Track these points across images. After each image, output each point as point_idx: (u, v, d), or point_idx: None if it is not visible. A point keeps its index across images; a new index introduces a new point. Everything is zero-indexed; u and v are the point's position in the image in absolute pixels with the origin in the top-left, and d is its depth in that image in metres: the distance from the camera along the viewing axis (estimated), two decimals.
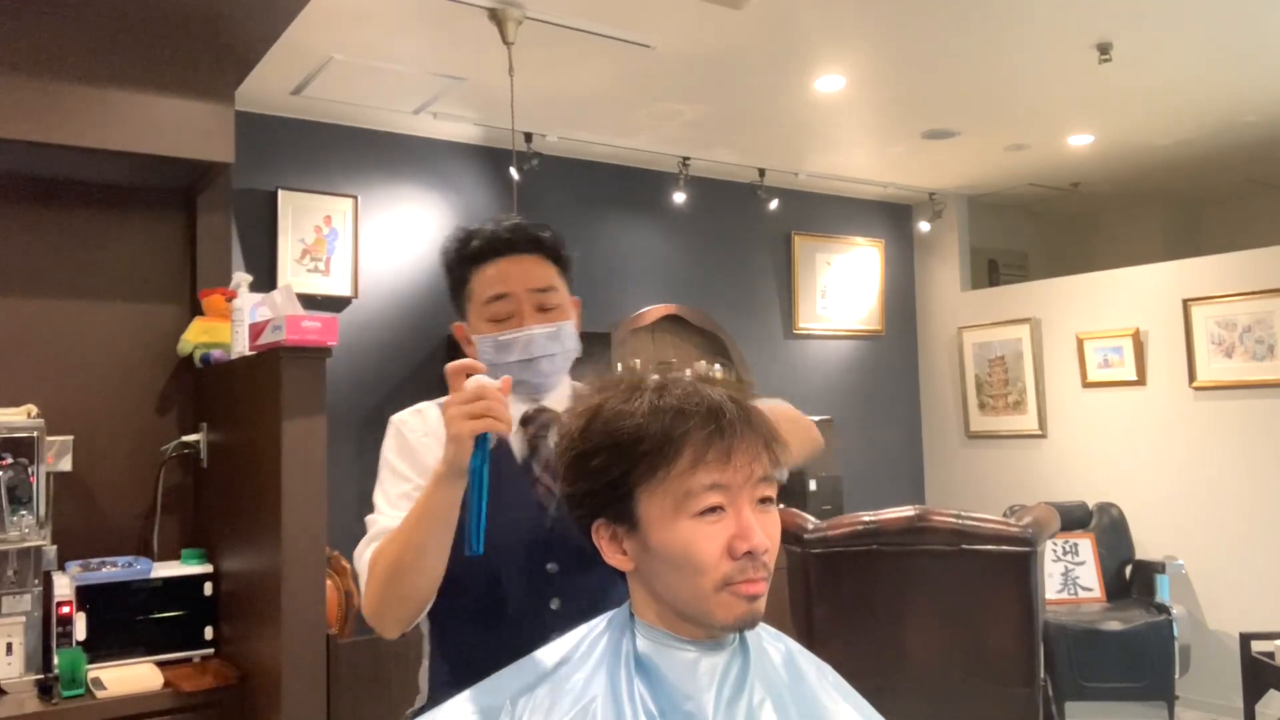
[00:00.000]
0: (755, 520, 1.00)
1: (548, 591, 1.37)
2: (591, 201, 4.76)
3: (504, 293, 1.45)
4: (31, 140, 2.55)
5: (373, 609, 1.30)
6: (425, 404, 1.48)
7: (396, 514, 1.34)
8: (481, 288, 1.46)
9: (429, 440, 1.41)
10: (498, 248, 1.46)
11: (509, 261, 1.46)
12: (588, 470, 1.02)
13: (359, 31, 3.18)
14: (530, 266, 1.47)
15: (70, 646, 2.45)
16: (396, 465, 1.42)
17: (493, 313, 1.45)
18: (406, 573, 1.26)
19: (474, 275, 1.47)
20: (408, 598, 1.28)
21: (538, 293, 1.46)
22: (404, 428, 1.44)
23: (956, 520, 2.66)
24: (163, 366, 2.96)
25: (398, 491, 1.39)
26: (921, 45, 3.51)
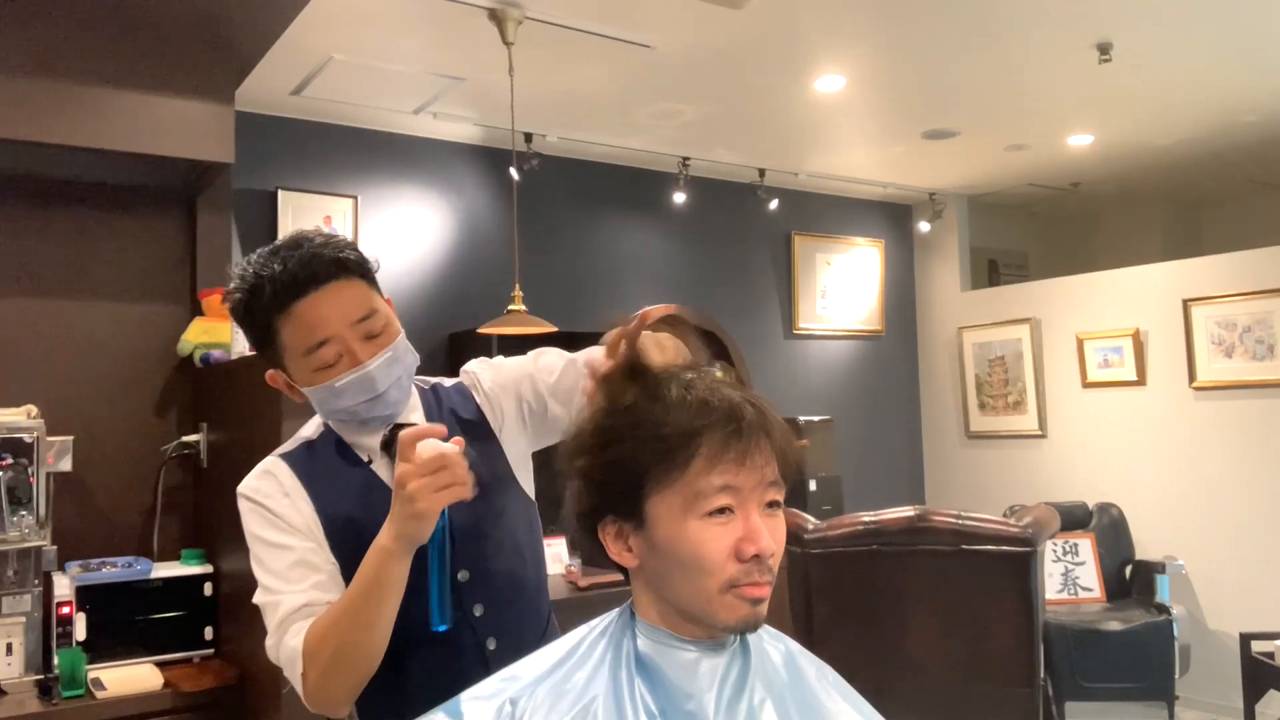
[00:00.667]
0: (763, 523, 1.00)
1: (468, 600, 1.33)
2: (591, 201, 4.76)
3: (325, 338, 1.26)
4: (31, 140, 2.55)
5: (321, 695, 1.21)
6: (266, 461, 1.36)
7: (297, 588, 1.25)
8: (295, 337, 1.27)
9: (290, 500, 1.30)
10: (299, 286, 1.25)
11: (316, 298, 1.26)
12: (610, 466, 1.02)
13: (359, 31, 3.18)
14: (341, 295, 1.28)
15: (70, 647, 2.45)
16: (269, 538, 1.29)
17: (319, 360, 1.27)
18: (358, 653, 1.19)
19: (280, 324, 1.27)
20: (361, 676, 1.21)
21: (360, 323, 1.29)
22: (258, 496, 1.31)
23: (956, 520, 2.66)
24: (163, 366, 2.96)
25: (285, 564, 1.26)
26: (921, 45, 3.51)
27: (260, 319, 1.29)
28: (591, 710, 0.99)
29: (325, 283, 1.27)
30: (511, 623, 1.36)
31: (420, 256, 4.24)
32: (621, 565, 1.06)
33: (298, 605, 1.23)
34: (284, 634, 1.23)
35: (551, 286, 4.45)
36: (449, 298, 4.27)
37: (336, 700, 1.22)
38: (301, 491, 1.31)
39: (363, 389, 1.29)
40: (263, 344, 1.32)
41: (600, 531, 1.05)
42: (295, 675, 1.22)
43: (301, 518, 1.30)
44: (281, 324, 1.27)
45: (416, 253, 4.23)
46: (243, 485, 1.34)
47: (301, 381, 1.31)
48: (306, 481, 1.32)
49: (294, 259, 1.26)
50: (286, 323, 1.27)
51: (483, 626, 1.34)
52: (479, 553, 1.35)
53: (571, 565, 3.48)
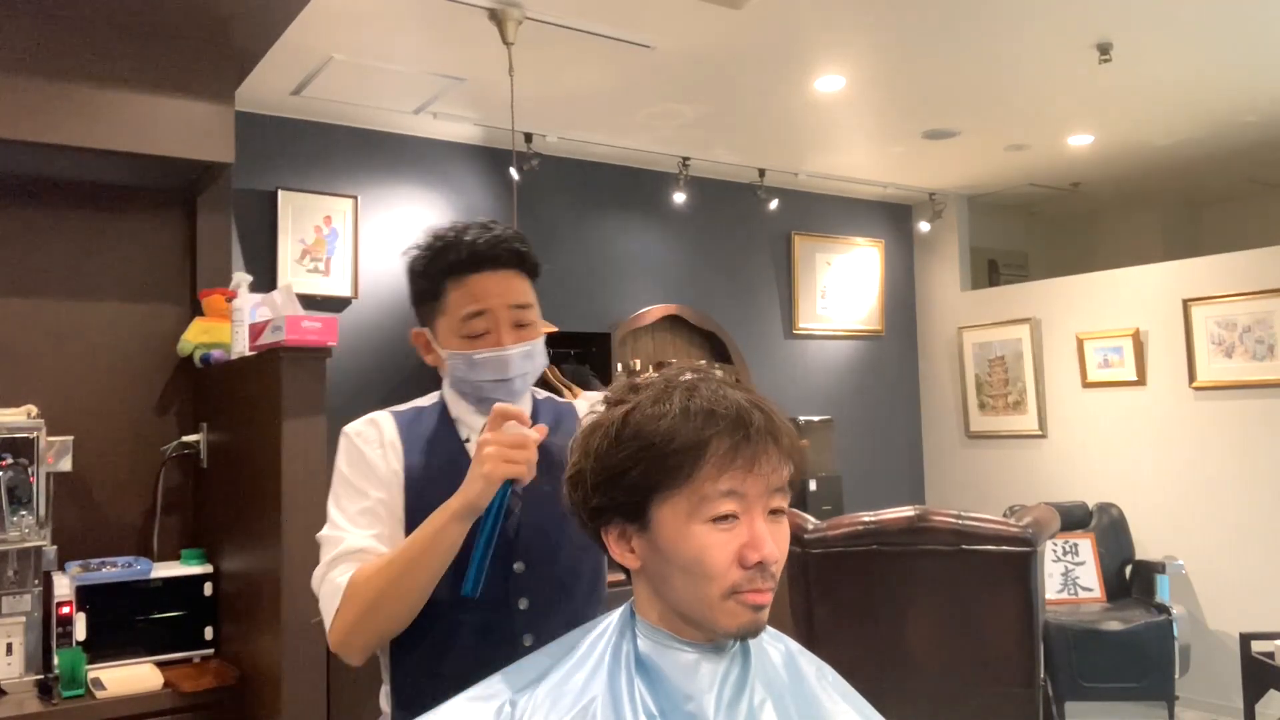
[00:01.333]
0: (767, 530, 1.00)
1: (515, 592, 1.36)
2: (591, 201, 4.76)
3: (483, 309, 1.38)
4: (31, 140, 2.55)
5: (344, 639, 1.27)
6: (378, 413, 1.44)
7: (361, 533, 1.32)
8: (458, 303, 1.39)
9: (383, 451, 1.38)
10: (480, 262, 1.38)
11: (488, 276, 1.39)
12: (617, 476, 1.01)
13: (359, 31, 3.18)
14: (510, 282, 1.41)
15: (70, 646, 2.45)
16: (353, 479, 1.37)
17: (469, 329, 1.38)
18: (394, 604, 1.25)
19: (449, 288, 1.39)
20: (388, 628, 1.28)
21: (516, 309, 1.40)
22: (358, 439, 1.40)
23: (956, 520, 2.66)
24: (163, 366, 2.96)
25: (357, 508, 1.34)
26: (921, 45, 3.51)
27: (436, 277, 1.40)
28: (591, 711, 0.99)
29: (502, 267, 1.39)
30: (553, 624, 1.35)
31: None
32: (624, 566, 1.06)
33: (356, 548, 1.30)
34: (332, 569, 1.30)
35: (551, 286, 4.41)
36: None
37: (356, 647, 1.28)
38: (398, 448, 1.39)
39: (496, 369, 1.39)
40: (425, 300, 1.43)
41: (604, 532, 1.05)
42: (330, 611, 1.28)
43: (389, 471, 1.37)
44: (452, 288, 1.39)
45: None
46: (348, 426, 1.42)
47: (445, 344, 1.41)
48: (405, 440, 1.40)
49: (485, 238, 1.39)
50: (456, 288, 1.38)
51: (524, 621, 1.36)
52: (538, 550, 1.38)
53: None
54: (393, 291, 4.15)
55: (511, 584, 1.36)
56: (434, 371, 1.49)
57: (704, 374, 1.06)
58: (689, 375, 1.06)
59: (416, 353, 1.50)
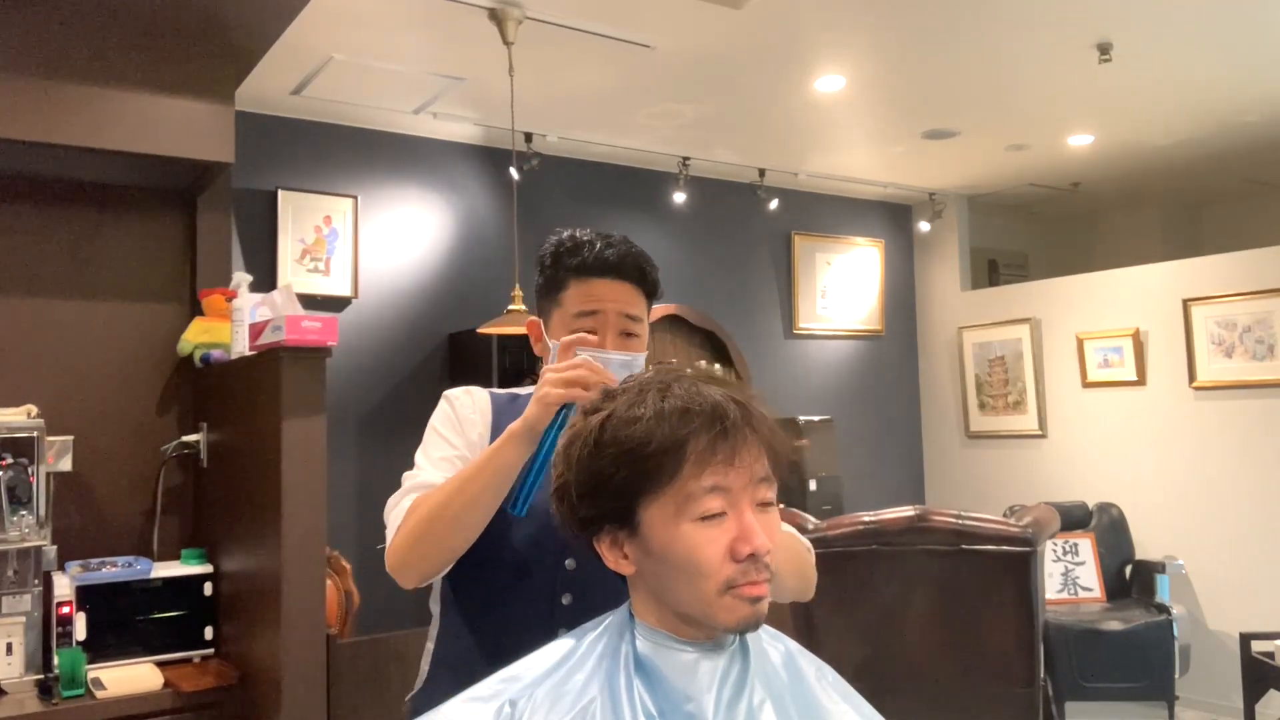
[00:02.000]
0: (756, 522, 0.99)
1: (560, 587, 1.40)
2: (591, 201, 4.76)
3: (595, 310, 1.45)
4: (31, 140, 2.55)
5: (401, 554, 1.33)
6: (477, 387, 1.54)
7: (437, 472, 1.39)
8: (576, 300, 1.46)
9: (476, 417, 1.47)
10: (604, 267, 1.46)
11: (609, 283, 1.47)
12: (600, 484, 1.01)
13: (359, 31, 3.18)
14: (627, 292, 1.48)
15: (70, 646, 2.45)
16: (443, 431, 1.47)
17: (579, 326, 1.45)
18: (448, 522, 1.30)
19: (572, 285, 1.47)
20: (440, 548, 1.32)
21: (627, 318, 1.47)
22: (454, 401, 1.49)
23: (956, 520, 2.66)
24: (163, 366, 2.96)
25: (440, 454, 1.43)
26: (921, 45, 3.51)
27: (563, 272, 1.47)
28: (590, 711, 0.99)
29: (623, 278, 1.47)
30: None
31: (420, 256, 4.24)
32: (618, 572, 1.06)
33: (430, 481, 1.38)
34: (404, 495, 1.38)
35: None
36: (449, 298, 4.27)
37: (412, 563, 1.32)
38: (489, 419, 1.48)
39: None
40: (547, 291, 1.50)
41: (596, 541, 1.05)
42: (392, 529, 1.35)
43: (476, 434, 1.46)
44: (573, 285, 1.46)
45: (416, 253, 4.23)
46: (449, 390, 1.52)
47: (555, 335, 1.47)
48: (495, 416, 1.48)
49: (617, 248, 1.47)
50: (578, 286, 1.46)
51: (563, 615, 1.38)
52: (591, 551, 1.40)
53: None
54: (393, 291, 4.16)
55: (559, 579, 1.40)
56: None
57: (676, 373, 1.06)
58: (661, 375, 1.06)
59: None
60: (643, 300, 1.50)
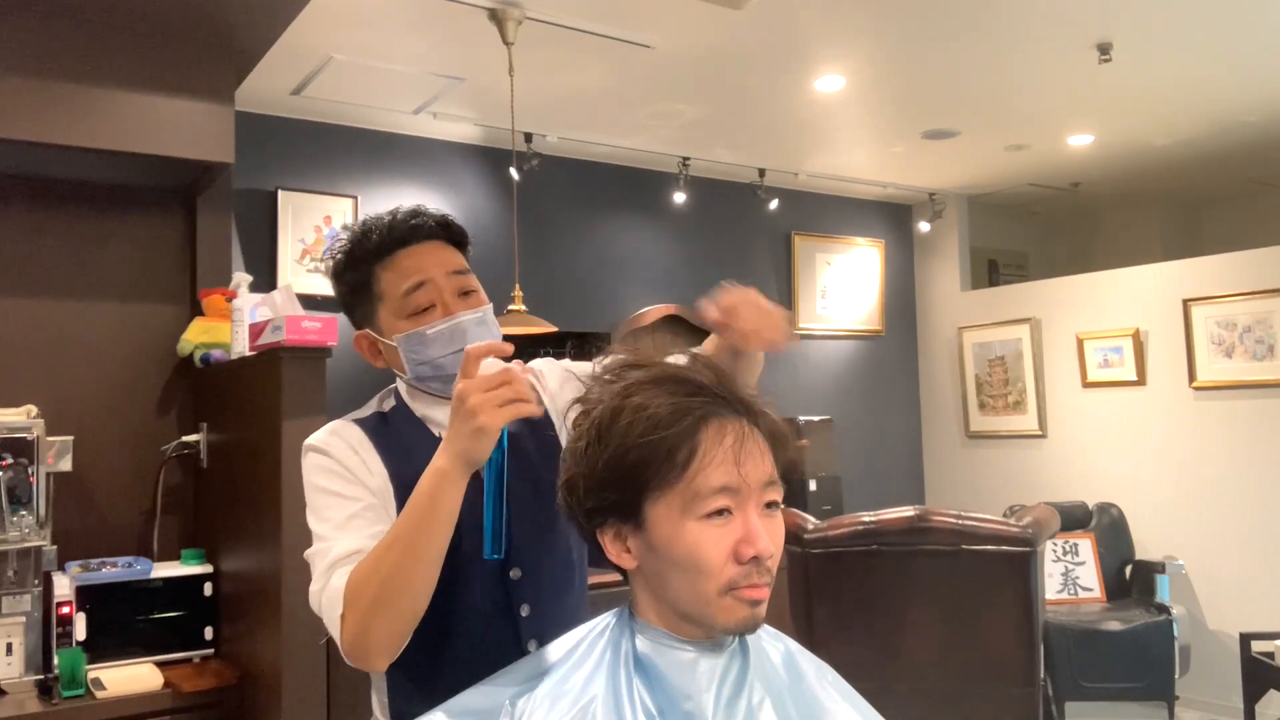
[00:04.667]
0: (761, 525, 0.99)
1: (515, 599, 1.31)
2: (591, 201, 4.76)
3: (422, 280, 1.32)
4: (31, 140, 2.56)
5: (359, 642, 1.15)
6: (336, 423, 1.36)
7: (352, 535, 1.22)
8: (393, 282, 1.33)
9: (360, 457, 1.30)
10: (404, 236, 1.34)
11: (419, 248, 1.34)
12: (607, 477, 1.01)
13: (359, 31, 3.18)
14: (442, 251, 1.36)
15: (70, 646, 2.45)
16: (333, 488, 1.27)
17: (413, 305, 1.32)
18: (404, 590, 1.13)
19: (380, 272, 1.34)
20: (404, 619, 1.15)
21: (456, 276, 1.35)
22: (328, 449, 1.30)
23: (956, 520, 2.66)
24: (163, 366, 2.96)
25: (344, 514, 1.24)
26: (921, 45, 3.51)
27: (363, 266, 1.35)
28: (590, 710, 0.99)
29: (427, 238, 1.35)
30: (553, 628, 1.31)
31: None
32: (620, 566, 1.06)
33: (350, 550, 1.20)
34: (329, 578, 1.19)
35: (551, 286, 4.45)
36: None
37: (376, 646, 1.15)
38: (373, 451, 1.31)
39: (453, 339, 1.31)
40: (358, 294, 1.37)
41: (599, 533, 1.05)
42: (334, 619, 1.17)
43: (371, 475, 1.29)
44: (381, 270, 1.34)
45: None
46: (310, 438, 1.33)
47: (392, 330, 1.34)
48: (378, 444, 1.32)
49: (401, 214, 1.36)
50: (387, 269, 1.33)
51: (527, 627, 1.31)
52: (533, 552, 1.33)
53: None
54: None
55: (512, 591, 1.31)
56: None
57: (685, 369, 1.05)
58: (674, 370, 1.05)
59: None
60: (457, 253, 1.38)
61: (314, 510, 1.28)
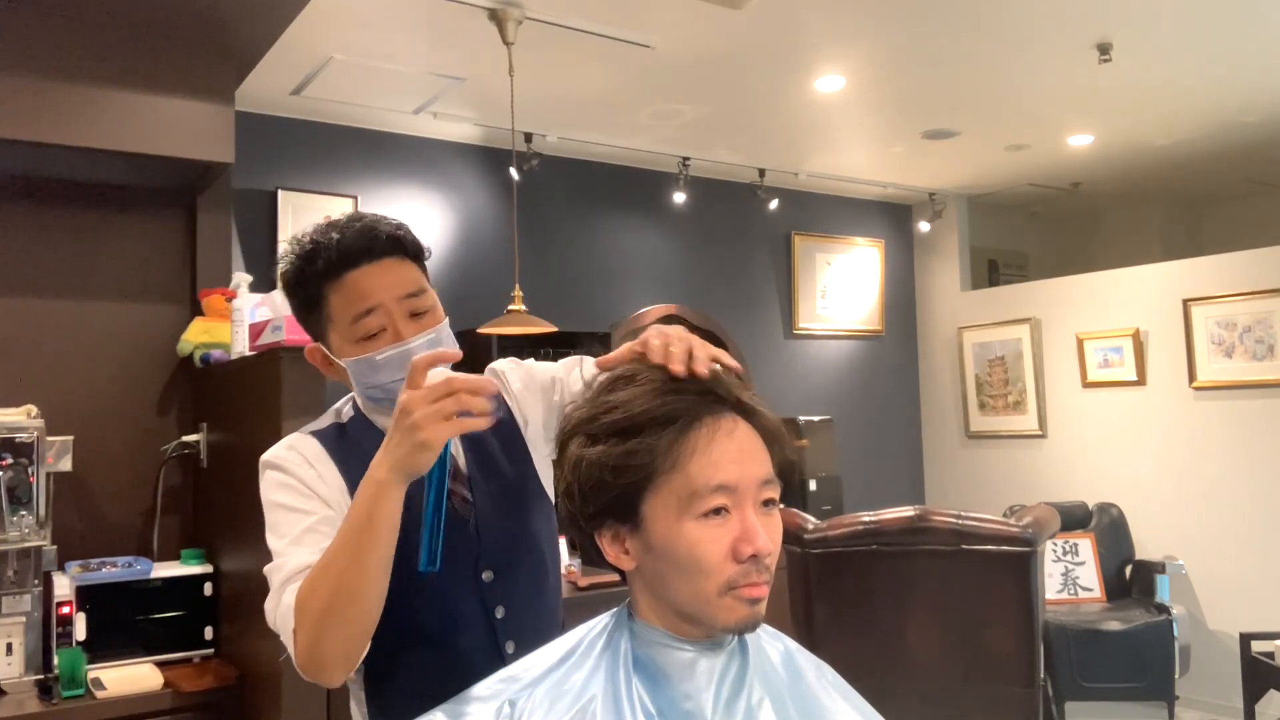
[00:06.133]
0: (759, 523, 0.99)
1: (490, 601, 1.31)
2: (591, 201, 4.76)
3: (371, 306, 1.27)
4: (31, 140, 2.56)
5: (311, 656, 1.14)
6: (293, 437, 1.34)
7: (304, 551, 1.20)
8: (343, 305, 1.28)
9: (316, 471, 1.28)
10: (354, 257, 1.27)
11: (369, 270, 1.28)
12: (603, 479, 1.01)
13: (359, 31, 3.18)
14: (394, 271, 1.30)
15: (70, 646, 2.45)
16: (289, 502, 1.26)
17: (363, 330, 1.28)
18: (350, 602, 1.11)
19: (329, 292, 1.29)
20: (354, 632, 1.13)
21: (408, 299, 1.29)
22: (284, 465, 1.29)
23: (956, 520, 2.66)
24: (163, 366, 2.96)
25: (299, 529, 1.23)
26: (921, 45, 3.51)
27: (311, 286, 1.30)
28: (590, 710, 0.99)
29: (379, 257, 1.29)
30: (530, 627, 1.34)
31: None
32: (619, 568, 1.06)
33: (303, 565, 1.18)
34: (282, 594, 1.19)
35: (551, 286, 4.45)
36: (449, 298, 4.20)
37: (328, 661, 1.14)
38: (329, 463, 1.30)
39: (401, 366, 1.26)
40: (308, 312, 1.33)
41: (597, 535, 1.05)
42: (288, 634, 1.16)
43: (327, 488, 1.27)
44: (331, 292, 1.29)
45: None
46: (267, 454, 1.32)
47: (342, 353, 1.31)
48: (336, 457, 1.30)
49: (352, 230, 1.29)
50: (336, 291, 1.29)
51: (504, 629, 1.31)
52: (504, 554, 1.32)
53: (571, 565, 3.49)
54: None
55: (486, 594, 1.31)
56: None
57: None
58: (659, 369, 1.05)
59: None
60: (413, 268, 1.32)
61: (271, 527, 1.26)
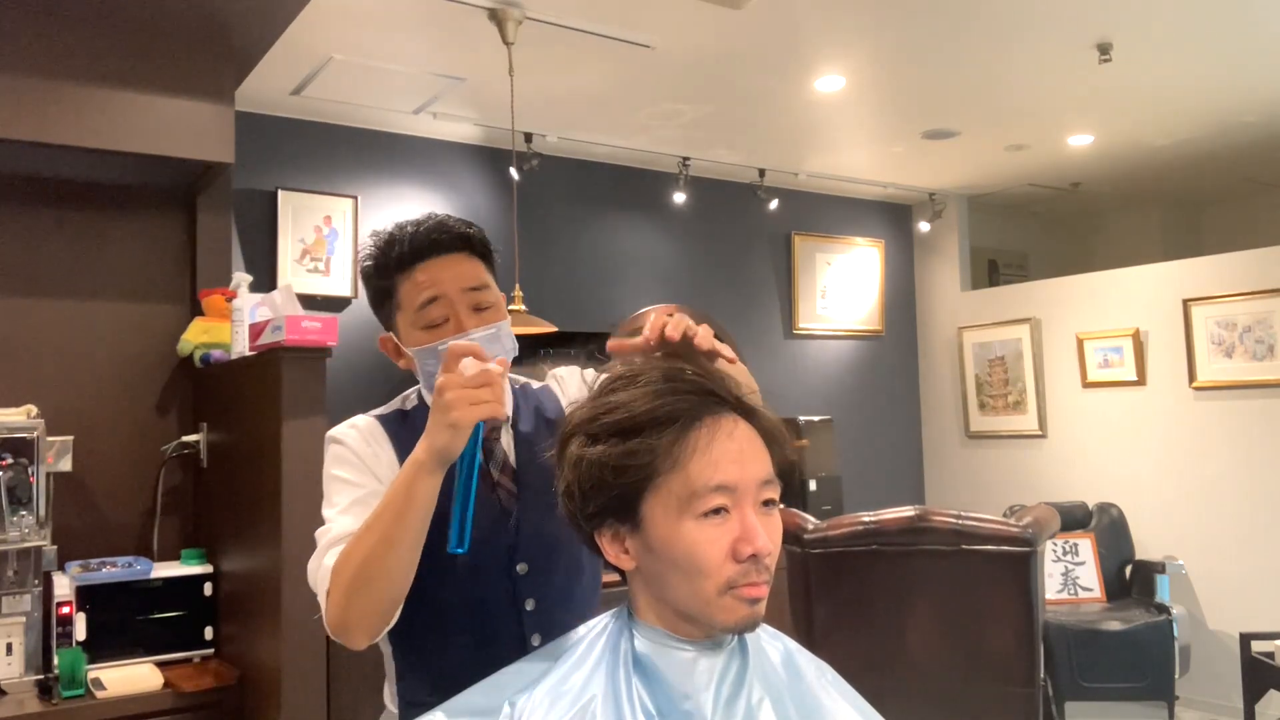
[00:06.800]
0: (759, 523, 0.99)
1: (521, 593, 1.35)
2: (591, 201, 4.76)
3: (436, 295, 1.35)
4: (32, 140, 2.56)
5: (339, 618, 1.20)
6: (359, 417, 1.42)
7: (349, 519, 1.27)
8: (410, 294, 1.36)
9: (374, 449, 1.36)
10: (423, 250, 1.35)
11: (437, 262, 1.35)
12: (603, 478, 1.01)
13: (359, 31, 3.18)
14: (460, 265, 1.37)
15: (70, 646, 2.45)
16: (344, 474, 1.34)
17: (427, 318, 1.35)
18: (380, 573, 1.17)
19: (400, 282, 1.37)
20: (380, 600, 1.19)
21: (471, 291, 1.36)
22: (346, 440, 1.37)
23: (956, 520, 2.66)
24: (163, 366, 2.96)
25: (349, 499, 1.31)
26: (921, 45, 3.51)
27: (385, 276, 1.37)
28: (590, 710, 0.99)
29: (447, 251, 1.36)
30: (559, 624, 1.34)
31: None
32: (619, 567, 1.06)
33: (346, 531, 1.25)
34: (323, 557, 1.26)
35: (551, 286, 4.45)
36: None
37: (354, 625, 1.20)
38: (386, 444, 1.36)
39: None
40: (381, 301, 1.40)
41: (597, 534, 1.05)
42: (323, 595, 1.23)
43: (381, 465, 1.34)
44: (401, 282, 1.36)
45: None
46: (332, 430, 1.40)
47: (409, 341, 1.37)
48: (394, 439, 1.37)
49: (425, 226, 1.37)
50: (406, 281, 1.36)
51: (530, 621, 1.35)
52: (541, 549, 1.36)
53: None
54: None
55: (519, 585, 1.35)
56: None
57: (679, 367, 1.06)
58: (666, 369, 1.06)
59: None
60: (480, 266, 1.39)
61: (326, 496, 1.34)
